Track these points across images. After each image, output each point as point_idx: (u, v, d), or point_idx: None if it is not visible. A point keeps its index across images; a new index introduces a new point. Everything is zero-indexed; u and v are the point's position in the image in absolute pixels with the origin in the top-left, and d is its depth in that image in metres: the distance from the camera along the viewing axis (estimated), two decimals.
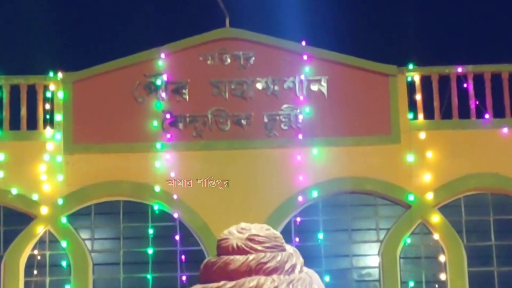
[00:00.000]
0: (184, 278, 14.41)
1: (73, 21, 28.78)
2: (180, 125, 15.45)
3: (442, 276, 14.79)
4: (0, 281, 15.11)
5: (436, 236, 15.00)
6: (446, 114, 15.48)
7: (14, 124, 15.37)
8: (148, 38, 23.39)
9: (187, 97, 15.47)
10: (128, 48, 18.58)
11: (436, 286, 15.02)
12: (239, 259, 1.82)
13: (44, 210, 14.76)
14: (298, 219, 14.86)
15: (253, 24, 17.06)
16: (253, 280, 1.76)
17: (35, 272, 14.76)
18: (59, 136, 15.20)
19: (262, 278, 1.75)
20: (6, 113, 15.40)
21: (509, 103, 15.42)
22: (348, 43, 17.65)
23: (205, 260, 1.87)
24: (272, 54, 15.80)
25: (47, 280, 14.89)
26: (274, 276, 1.79)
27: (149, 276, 14.99)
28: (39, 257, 14.86)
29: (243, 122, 15.45)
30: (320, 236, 14.87)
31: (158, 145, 15.20)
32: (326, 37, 19.07)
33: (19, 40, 27.02)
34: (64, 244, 14.82)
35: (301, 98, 15.32)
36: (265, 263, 1.81)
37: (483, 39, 26.46)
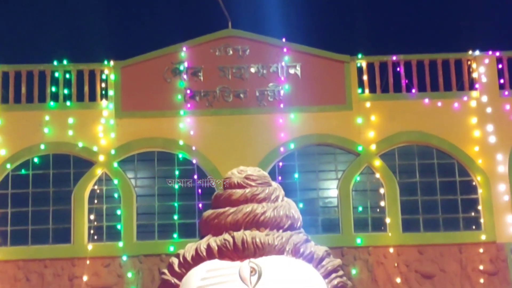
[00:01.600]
0: (200, 205, 15.99)
1: (122, 22, 30.24)
2: (197, 98, 16.88)
3: (382, 203, 16.44)
4: (71, 208, 16.47)
5: (377, 175, 16.54)
6: (385, 89, 17.05)
7: (80, 98, 16.95)
8: (174, 35, 23.19)
9: (202, 78, 16.93)
10: (159, 42, 19.55)
11: (378, 210, 16.57)
12: (238, 191, 1.91)
13: (101, 158, 16.35)
14: (280, 163, 16.44)
15: (248, 26, 18.18)
16: (249, 207, 1.86)
17: (95, 201, 16.24)
18: (111, 106, 16.78)
19: (255, 205, 1.86)
20: (74, 90, 16.94)
21: (429, 81, 17.07)
22: (316, 39, 18.45)
23: (215, 193, 1.95)
24: (261, 47, 17.24)
25: (104, 207, 16.37)
26: (263, 204, 1.89)
27: (175, 204, 16.44)
28: (98, 191, 16.37)
29: (241, 95, 16.86)
30: (296, 175, 16.40)
31: (181, 112, 16.72)
32: (301, 34, 20.08)
33: (83, 36, 26.77)
34: (116, 181, 16.45)
35: (282, 78, 16.88)
36: (257, 194, 1.92)
37: (413, 34, 27.64)
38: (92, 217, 16.28)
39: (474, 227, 16.50)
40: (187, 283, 1.86)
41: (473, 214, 16.62)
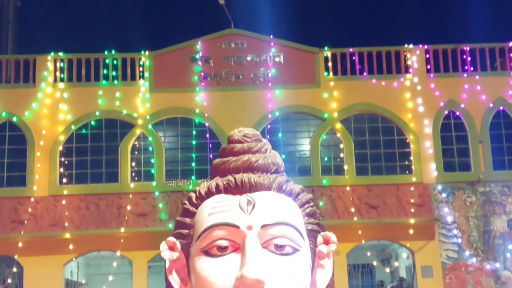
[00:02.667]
0: (211, 156, 17.38)
1: (154, 23, 31.53)
2: (208, 79, 18.24)
3: (341, 155, 17.95)
4: (118, 157, 17.80)
5: (338, 135, 17.94)
6: (344, 72, 18.39)
7: (124, 78, 18.20)
8: (192, 32, 25.53)
9: (212, 64, 18.30)
10: (181, 37, 21.08)
11: (338, 160, 17.96)
12: (238, 145, 1.92)
13: (139, 121, 17.75)
14: (269, 126, 17.95)
15: (245, 26, 19.28)
16: (246, 156, 1.87)
17: (136, 152, 17.77)
18: (147, 84, 18.09)
19: (251, 155, 1.87)
20: (120, 72, 18.06)
21: (376, 67, 18.25)
22: (295, 35, 19.15)
23: (221, 147, 1.91)
24: (255, 42, 18.53)
25: (142, 157, 17.79)
26: (256, 154, 1.89)
27: (193, 155, 17.87)
28: (137, 145, 17.91)
29: (240, 77, 18.24)
30: (280, 135, 17.93)
31: (197, 89, 18.09)
32: (284, 32, 21.06)
33: (127, 32, 29.31)
34: (150, 138, 17.84)
35: (270, 64, 18.30)
36: (252, 147, 1.91)
37: (366, 31, 29.29)
38: (133, 164, 17.67)
39: (407, 172, 17.74)
40: (202, 211, 1.86)
41: (406, 163, 17.84)
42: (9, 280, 16.83)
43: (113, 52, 18.16)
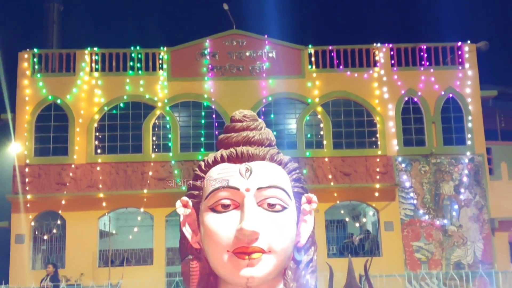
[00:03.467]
0: (216, 132, 16.76)
1: (171, 23, 31.97)
2: (215, 70, 18.02)
3: (321, 132, 17.86)
4: (141, 133, 17.34)
5: (319, 116, 17.90)
6: (324, 65, 18.28)
7: (147, 68, 18.04)
8: (202, 31, 26.09)
9: (217, 58, 18.09)
10: (193, 35, 20.95)
11: (319, 136, 17.81)
12: (239, 124, 1.91)
13: (159, 104, 17.65)
14: (263, 109, 17.73)
15: (245, 27, 19.08)
16: (245, 133, 1.86)
17: (156, 129, 17.68)
18: (165, 74, 17.91)
19: (249, 132, 1.85)
20: (143, 64, 17.91)
21: (350, 61, 18.13)
22: (285, 35, 18.96)
23: (225, 125, 1.90)
24: (253, 40, 18.35)
25: (161, 133, 17.67)
26: (253, 131, 1.88)
27: (202, 131, 17.62)
28: (157, 123, 17.80)
29: (241, 69, 18.04)
30: (272, 116, 17.67)
31: (206, 78, 17.86)
32: (277, 32, 21.21)
33: (148, 31, 30.28)
34: (167, 118, 17.66)
35: (265, 59, 18.14)
36: (250, 126, 1.92)
37: (342, 31, 30.12)
38: (154, 138, 17.59)
39: (374, 146, 17.87)
40: (209, 176, 1.86)
41: (373, 139, 17.93)
42: (54, 231, 17.03)
43: (138, 47, 17.99)
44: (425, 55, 18.30)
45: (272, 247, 1.72)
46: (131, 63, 17.96)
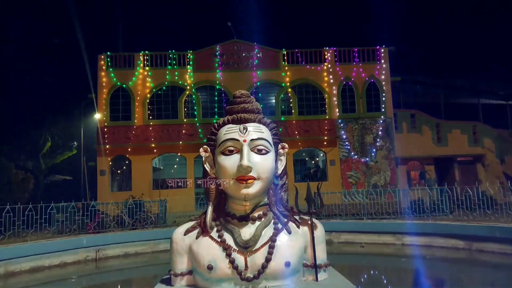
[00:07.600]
0: (225, 105, 18.27)
1: (195, 30, 34.81)
2: (223, 65, 21.04)
3: (291, 105, 20.95)
4: (177, 107, 20.43)
5: (289, 94, 21.07)
6: (292, 62, 21.27)
7: (179, 65, 20.62)
8: (214, 39, 29.72)
9: (225, 57, 21.19)
10: (209, 42, 23.42)
11: (289, 107, 20.80)
12: (238, 99, 2.10)
13: (188, 87, 20.74)
14: (254, 90, 20.64)
15: (242, 37, 21.66)
16: (242, 104, 1.99)
17: (186, 104, 20.68)
18: (191, 68, 21.06)
19: (245, 104, 1.88)
20: (177, 62, 20.32)
21: (309, 59, 21.28)
22: (268, 41, 21.86)
23: (230, 100, 2.11)
24: (247, 46, 21.30)
25: (189, 106, 20.56)
26: (248, 104, 2.06)
27: (216, 105, 20.66)
28: (187, 100, 20.77)
29: (240, 64, 21.07)
30: (260, 95, 20.42)
31: (217, 71, 20.99)
32: (263, 39, 23.21)
33: (180, 37, 32.76)
34: (193, 96, 20.78)
35: (255, 58, 21.28)
36: (245, 100, 2.17)
37: (307, 35, 33.46)
38: (185, 109, 20.13)
39: (324, 113, 21.29)
40: (220, 132, 2.14)
41: (323, 109, 21.34)
42: (124, 167, 20.50)
43: (173, 51, 21.27)
44: (356, 55, 21.99)
45: (260, 176, 2.34)
46: (169, 61, 21.25)
